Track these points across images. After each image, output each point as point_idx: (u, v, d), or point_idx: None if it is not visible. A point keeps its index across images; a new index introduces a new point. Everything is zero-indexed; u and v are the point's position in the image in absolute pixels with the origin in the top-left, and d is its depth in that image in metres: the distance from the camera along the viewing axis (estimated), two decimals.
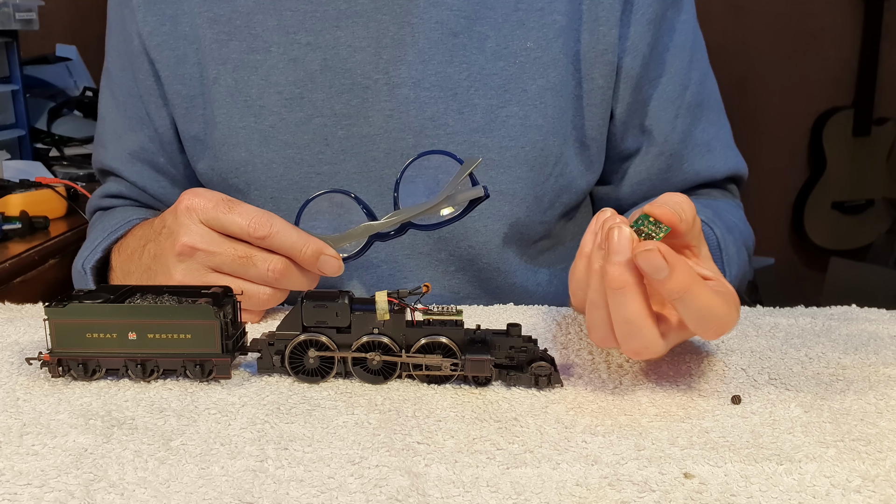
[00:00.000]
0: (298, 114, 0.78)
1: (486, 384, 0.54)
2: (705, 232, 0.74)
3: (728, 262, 0.75)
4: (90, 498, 0.41)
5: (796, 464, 0.44)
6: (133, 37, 0.81)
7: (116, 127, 0.86)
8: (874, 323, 0.66)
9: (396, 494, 0.41)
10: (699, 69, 0.84)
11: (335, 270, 0.64)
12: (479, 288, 0.82)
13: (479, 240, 0.79)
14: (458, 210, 0.63)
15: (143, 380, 0.55)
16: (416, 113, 0.76)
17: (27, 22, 1.38)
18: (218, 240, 0.64)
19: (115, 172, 0.88)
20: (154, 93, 0.82)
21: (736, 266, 0.77)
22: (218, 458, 0.45)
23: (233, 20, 0.79)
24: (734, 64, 2.42)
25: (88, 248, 0.78)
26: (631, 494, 0.41)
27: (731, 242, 0.77)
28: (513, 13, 0.77)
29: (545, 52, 0.77)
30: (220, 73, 0.79)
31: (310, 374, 0.55)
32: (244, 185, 0.80)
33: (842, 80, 2.50)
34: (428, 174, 0.65)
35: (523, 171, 0.78)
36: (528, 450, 0.46)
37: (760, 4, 2.44)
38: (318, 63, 0.77)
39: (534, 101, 0.77)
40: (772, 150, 2.49)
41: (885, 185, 2.53)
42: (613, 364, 0.58)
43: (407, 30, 0.76)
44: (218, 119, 0.79)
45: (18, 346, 0.61)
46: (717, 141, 0.85)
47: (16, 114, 1.42)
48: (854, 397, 0.52)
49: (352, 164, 0.78)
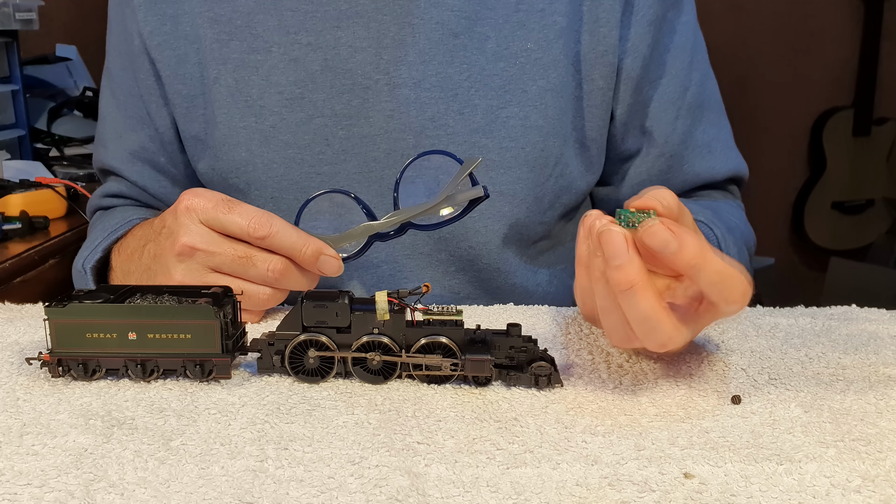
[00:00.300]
0: (299, 114, 0.78)
1: (486, 384, 0.54)
2: (705, 233, 0.74)
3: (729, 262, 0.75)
4: (90, 498, 0.41)
5: (796, 464, 0.44)
6: (134, 36, 0.81)
7: (117, 126, 0.87)
8: (874, 323, 0.66)
9: (396, 494, 0.41)
10: (700, 70, 0.84)
11: (335, 270, 0.64)
12: (479, 288, 0.82)
13: (479, 240, 0.79)
14: (457, 210, 0.63)
15: (143, 380, 0.55)
16: (417, 113, 0.77)
17: (27, 22, 1.38)
18: (218, 240, 0.64)
19: (115, 172, 0.88)
20: (155, 92, 0.82)
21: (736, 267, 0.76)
22: (218, 458, 0.45)
23: (234, 20, 0.79)
24: (734, 64, 2.42)
25: (88, 248, 0.79)
26: (631, 494, 0.41)
27: (732, 242, 0.77)
28: (513, 14, 0.77)
29: (545, 53, 0.77)
30: (221, 72, 0.79)
31: (310, 374, 0.55)
32: (244, 184, 0.80)
33: (842, 80, 2.50)
34: (428, 174, 0.65)
35: (523, 172, 0.78)
36: (528, 450, 0.46)
37: (760, 4, 2.44)
38: (318, 63, 0.77)
39: (534, 101, 0.77)
40: (772, 150, 2.49)
41: (885, 185, 2.53)
42: (613, 364, 0.58)
43: (408, 30, 0.76)
44: (218, 119, 0.79)
45: (18, 346, 0.61)
46: (717, 142, 0.85)
47: (16, 114, 1.42)
48: (854, 397, 0.52)
49: (352, 164, 0.78)
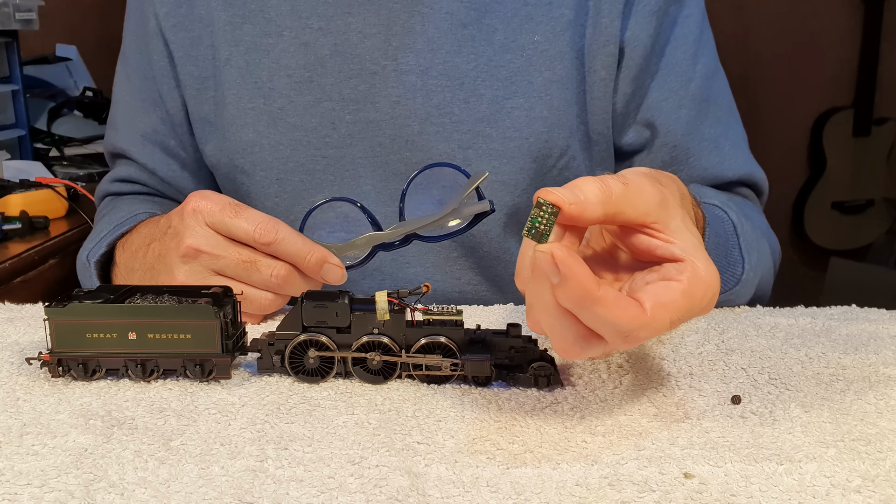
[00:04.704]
0: (307, 97, 0.79)
1: (486, 384, 0.54)
2: (718, 216, 0.72)
3: (747, 247, 0.72)
4: (90, 498, 0.41)
5: (796, 464, 0.44)
6: (150, 18, 0.83)
7: (130, 109, 0.88)
8: (874, 323, 0.66)
9: (396, 494, 0.41)
10: (705, 64, 0.83)
11: (338, 279, 0.64)
12: (480, 275, 0.82)
13: (480, 227, 0.80)
14: (463, 223, 0.63)
15: (143, 380, 0.55)
16: (423, 100, 0.77)
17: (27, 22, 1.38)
18: (223, 243, 0.64)
19: (126, 155, 0.89)
20: (167, 74, 0.84)
21: (756, 253, 0.73)
22: (218, 458, 0.45)
23: (247, 3, 0.80)
24: (734, 64, 2.41)
25: (94, 240, 0.79)
26: (631, 494, 0.41)
27: (750, 229, 0.74)
28: (522, 7, 0.78)
29: (552, 45, 0.78)
30: (233, 54, 0.80)
31: (310, 374, 0.55)
32: (250, 165, 0.81)
33: (842, 80, 2.50)
34: (434, 186, 0.65)
35: (526, 162, 0.78)
36: (528, 450, 0.46)
37: (761, 4, 2.44)
38: (328, 48, 0.79)
39: (539, 93, 0.78)
40: (772, 150, 2.49)
41: (885, 185, 2.53)
42: (613, 364, 0.58)
43: (417, 18, 0.77)
44: (228, 100, 0.80)
45: (18, 346, 0.61)
46: (725, 140, 0.84)
47: (16, 114, 1.42)
48: (854, 397, 0.52)
49: (358, 148, 0.79)
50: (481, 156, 0.77)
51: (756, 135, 0.91)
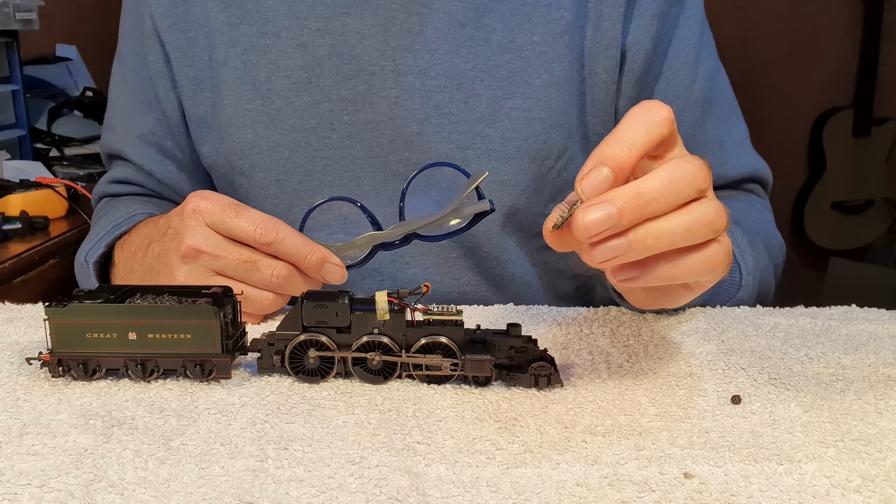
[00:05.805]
0: (305, 98, 0.79)
1: (486, 384, 0.54)
2: None
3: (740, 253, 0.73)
4: (90, 498, 0.41)
5: (796, 464, 0.44)
6: (146, 19, 0.83)
7: (126, 110, 0.88)
8: (874, 323, 0.66)
9: (396, 494, 0.41)
10: (707, 66, 0.84)
11: (339, 279, 0.64)
12: (479, 275, 0.82)
13: (479, 228, 0.80)
14: (463, 222, 0.63)
15: (143, 380, 0.55)
16: (422, 101, 0.77)
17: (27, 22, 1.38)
18: (223, 244, 0.64)
19: (122, 156, 0.89)
20: (163, 75, 0.84)
21: (751, 256, 0.74)
22: (218, 458, 0.45)
23: (244, 4, 0.80)
24: (734, 64, 2.40)
25: (92, 241, 0.79)
26: (631, 494, 0.41)
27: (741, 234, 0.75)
28: (520, 7, 0.78)
29: (551, 46, 0.78)
30: (230, 55, 0.80)
31: (310, 374, 0.55)
32: (248, 167, 0.80)
33: (842, 80, 2.50)
34: (434, 186, 0.65)
35: (525, 163, 0.78)
36: (528, 450, 0.46)
37: (761, 4, 2.44)
38: (326, 48, 0.78)
39: (538, 94, 0.78)
40: (772, 150, 2.47)
41: (885, 185, 2.53)
42: (613, 364, 0.58)
43: (415, 19, 0.77)
44: (225, 101, 0.80)
45: (18, 346, 0.61)
46: (729, 139, 0.85)
47: (16, 114, 1.43)
48: (854, 397, 0.52)
49: (357, 149, 0.79)
50: (480, 156, 0.77)
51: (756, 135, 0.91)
